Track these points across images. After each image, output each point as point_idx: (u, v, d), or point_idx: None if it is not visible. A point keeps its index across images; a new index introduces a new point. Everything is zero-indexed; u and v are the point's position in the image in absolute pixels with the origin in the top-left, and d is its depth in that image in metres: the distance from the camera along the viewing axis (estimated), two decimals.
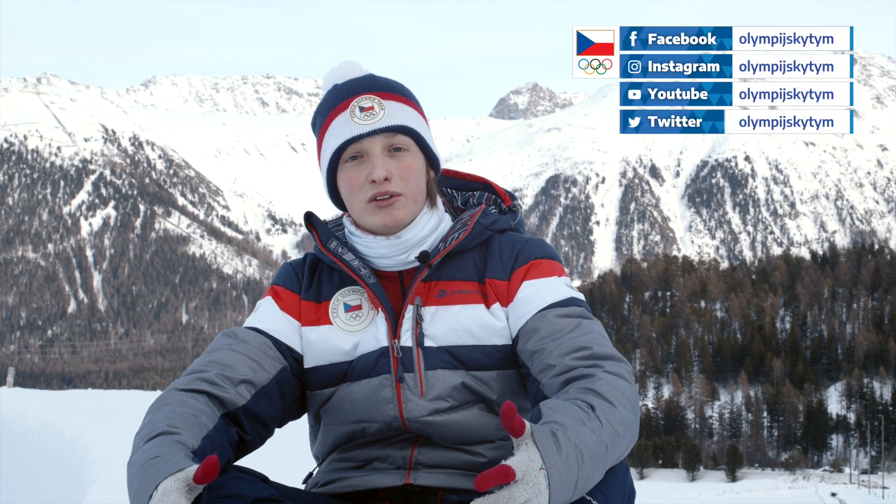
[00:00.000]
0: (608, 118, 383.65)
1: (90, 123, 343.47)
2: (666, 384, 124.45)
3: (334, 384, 2.03)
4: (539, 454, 1.58)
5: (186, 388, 1.91)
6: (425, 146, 2.06)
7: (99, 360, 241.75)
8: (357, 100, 2.03)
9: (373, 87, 2.05)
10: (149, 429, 1.81)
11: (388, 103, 2.03)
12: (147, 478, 1.68)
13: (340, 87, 2.08)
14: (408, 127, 2.03)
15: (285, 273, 2.13)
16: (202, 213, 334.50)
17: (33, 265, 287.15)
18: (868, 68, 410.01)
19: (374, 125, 2.00)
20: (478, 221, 2.07)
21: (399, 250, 2.04)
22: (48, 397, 9.57)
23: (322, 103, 2.10)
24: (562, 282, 2.02)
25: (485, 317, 2.00)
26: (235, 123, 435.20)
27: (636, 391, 1.82)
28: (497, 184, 2.20)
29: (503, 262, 2.04)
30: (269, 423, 2.00)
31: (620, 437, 1.73)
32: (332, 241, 2.09)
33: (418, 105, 2.10)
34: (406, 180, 2.01)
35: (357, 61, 2.12)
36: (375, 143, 2.00)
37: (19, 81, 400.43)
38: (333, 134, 2.04)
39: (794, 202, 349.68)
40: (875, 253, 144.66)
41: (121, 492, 4.36)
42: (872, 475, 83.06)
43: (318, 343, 2.04)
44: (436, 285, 2.04)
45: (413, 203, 2.03)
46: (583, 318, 1.95)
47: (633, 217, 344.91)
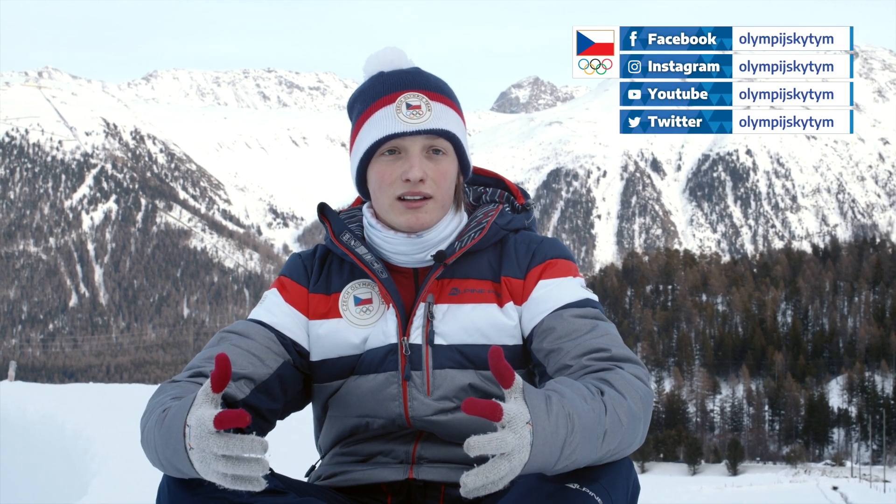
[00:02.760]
0: (609, 112, 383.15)
1: (91, 117, 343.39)
2: (667, 378, 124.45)
3: (343, 377, 2.03)
4: (527, 409, 1.57)
5: (184, 380, 1.90)
6: (461, 151, 2.06)
7: (100, 353, 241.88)
8: (405, 96, 2.01)
9: (422, 85, 2.04)
10: (156, 410, 1.79)
11: (435, 104, 2.02)
12: (168, 425, 1.68)
13: (388, 77, 2.05)
14: (450, 132, 2.02)
15: (293, 264, 2.12)
16: (203, 206, 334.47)
17: (35, 259, 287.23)
18: (869, 62, 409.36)
19: (419, 125, 1.98)
20: (495, 222, 2.07)
21: (418, 249, 2.04)
22: (49, 391, 9.61)
23: (366, 88, 2.06)
24: (577, 282, 2.02)
25: (497, 316, 2.00)
26: (237, 117, 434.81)
27: (651, 394, 1.80)
28: (510, 180, 2.20)
29: (519, 261, 2.04)
30: (269, 416, 1.97)
31: (623, 427, 1.71)
32: (345, 234, 2.08)
33: (460, 109, 2.10)
34: (439, 184, 2.01)
35: (401, 49, 2.10)
36: (416, 143, 1.99)
37: (21, 75, 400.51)
38: (376, 125, 2.01)
39: (795, 196, 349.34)
40: (876, 246, 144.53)
41: (122, 485, 4.38)
42: (874, 468, 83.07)
43: (328, 336, 2.03)
44: (449, 283, 2.04)
45: (441, 208, 2.03)
46: (599, 319, 1.95)
47: (635, 211, 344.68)
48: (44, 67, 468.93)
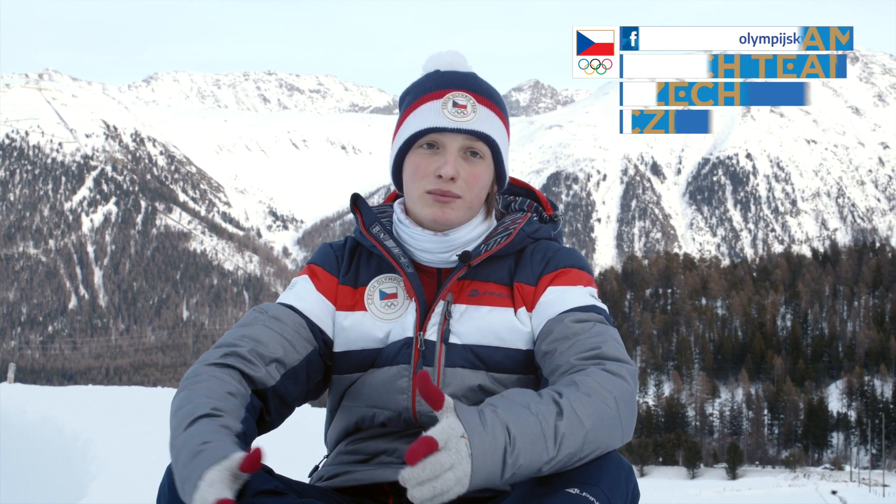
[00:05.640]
0: (609, 115, 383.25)
1: (92, 119, 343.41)
2: (667, 381, 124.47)
3: (362, 369, 2.05)
4: (460, 423, 1.59)
5: (218, 363, 1.90)
6: (499, 160, 2.08)
7: (100, 356, 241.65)
8: (453, 94, 2.04)
9: (472, 87, 2.07)
10: (190, 406, 1.79)
11: (481, 107, 2.04)
12: (195, 465, 1.67)
13: (442, 75, 2.08)
14: (490, 137, 2.04)
15: (325, 254, 2.14)
16: (203, 209, 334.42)
17: (34, 261, 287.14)
18: (870, 66, 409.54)
19: (461, 124, 2.01)
20: (522, 229, 2.08)
21: (444, 248, 2.06)
22: (49, 393, 9.59)
23: (419, 82, 2.10)
24: (586, 291, 2.03)
25: (512, 320, 2.01)
26: (237, 120, 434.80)
27: (632, 392, 1.80)
28: (540, 191, 2.22)
29: (533, 268, 2.06)
30: (292, 403, 2.00)
31: (585, 427, 1.70)
32: (376, 226, 2.10)
33: (507, 117, 2.12)
34: (471, 187, 2.03)
35: (462, 53, 2.13)
36: (456, 141, 2.02)
37: (21, 77, 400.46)
38: (420, 117, 2.04)
39: (795, 200, 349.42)
40: (876, 251, 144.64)
41: (122, 487, 4.37)
42: (873, 472, 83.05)
43: (352, 329, 2.05)
44: (469, 284, 2.05)
45: (468, 209, 2.05)
46: (599, 322, 1.95)
47: (635, 214, 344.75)
48: (44, 69, 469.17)
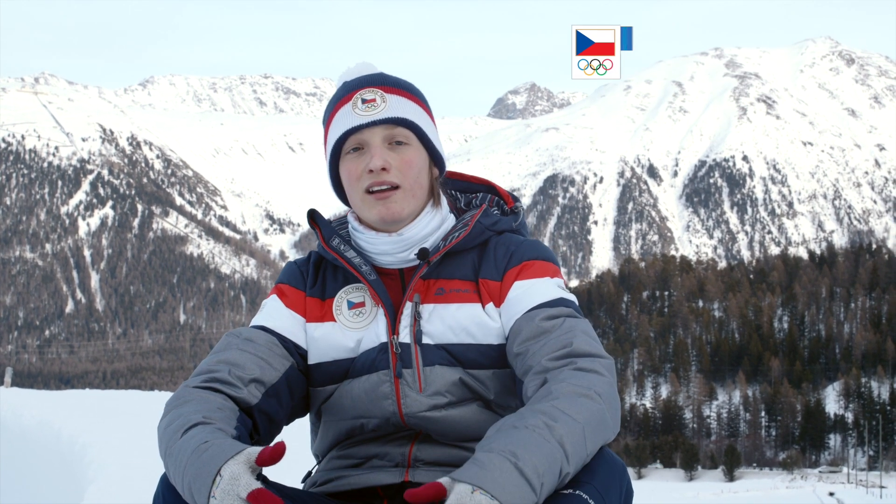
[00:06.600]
0: (606, 118, 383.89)
1: (88, 123, 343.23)
2: (664, 384, 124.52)
3: (337, 381, 2.04)
4: (466, 485, 1.58)
5: (201, 387, 1.92)
6: (428, 143, 2.08)
7: (96, 359, 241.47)
8: (360, 92, 2.05)
9: (378, 81, 2.08)
10: (181, 420, 1.80)
11: (390, 97, 2.05)
12: (205, 462, 1.67)
13: (348, 82, 2.10)
14: (408, 120, 2.04)
15: (290, 271, 2.15)
16: (200, 212, 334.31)
17: (31, 265, 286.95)
18: (866, 68, 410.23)
19: (374, 116, 2.02)
20: (478, 221, 2.08)
21: (400, 247, 2.05)
22: (46, 397, 9.55)
23: (331, 99, 2.12)
24: (553, 283, 2.02)
25: (481, 316, 2.01)
26: (233, 123, 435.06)
27: (609, 382, 1.82)
28: (500, 185, 2.21)
29: (497, 263, 2.05)
30: (279, 421, 2.01)
31: (587, 447, 1.72)
32: (335, 239, 2.10)
33: (424, 103, 2.13)
34: (405, 173, 2.02)
35: (371, 62, 2.15)
36: (375, 135, 2.02)
37: (17, 81, 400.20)
38: (336, 125, 2.06)
39: (791, 202, 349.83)
40: (873, 252, 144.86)
41: (119, 491, 4.34)
42: (870, 474, 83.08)
43: (322, 340, 2.05)
44: (435, 283, 2.05)
45: (412, 197, 2.04)
46: (568, 317, 1.95)
47: (631, 217, 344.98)
48: (40, 73, 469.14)
